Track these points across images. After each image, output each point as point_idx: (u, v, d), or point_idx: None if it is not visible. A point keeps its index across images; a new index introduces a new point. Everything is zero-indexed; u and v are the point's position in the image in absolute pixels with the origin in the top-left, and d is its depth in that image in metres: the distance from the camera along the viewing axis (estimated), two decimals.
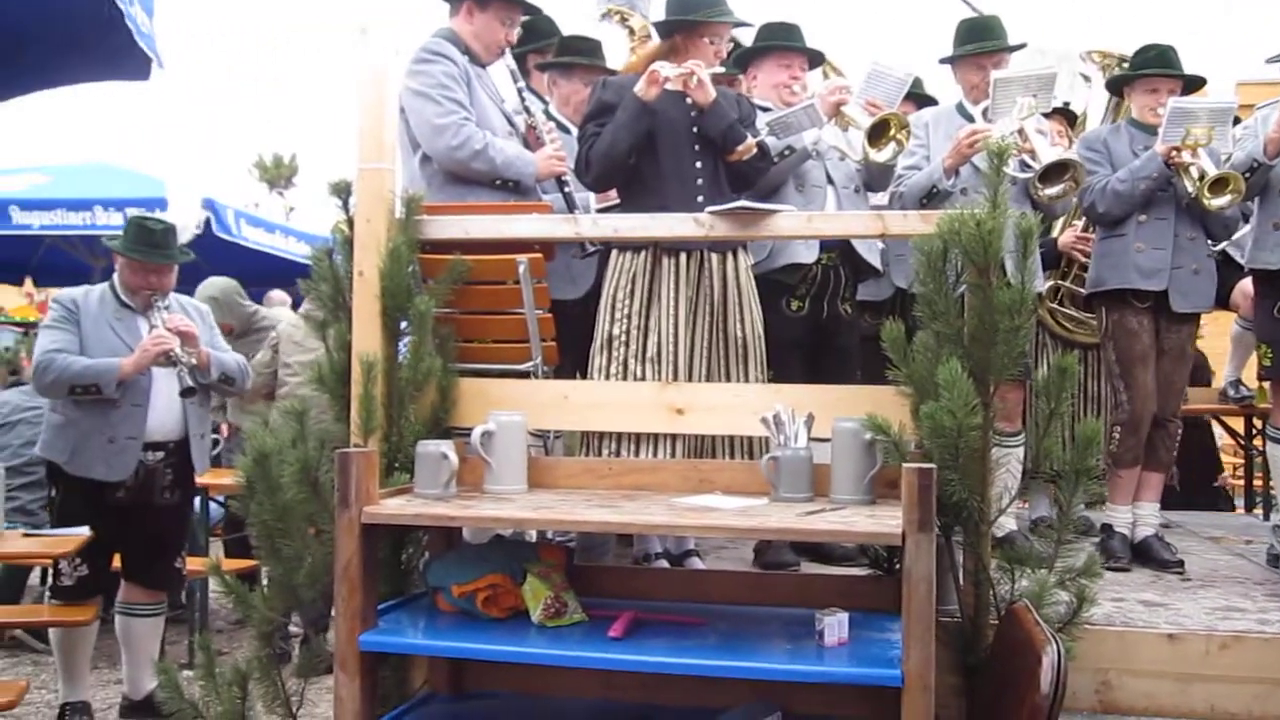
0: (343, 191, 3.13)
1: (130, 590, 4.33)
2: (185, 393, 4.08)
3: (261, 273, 8.30)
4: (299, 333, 5.17)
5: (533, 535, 3.46)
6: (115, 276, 4.31)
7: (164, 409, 4.19)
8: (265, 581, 3.08)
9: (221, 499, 5.62)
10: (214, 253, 7.93)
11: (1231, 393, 6.14)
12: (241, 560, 4.84)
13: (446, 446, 2.76)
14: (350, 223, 3.11)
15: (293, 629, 4.91)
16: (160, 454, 4.21)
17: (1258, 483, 6.92)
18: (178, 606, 5.19)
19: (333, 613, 2.65)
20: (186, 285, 5.75)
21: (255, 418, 3.35)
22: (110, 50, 3.92)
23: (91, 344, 4.12)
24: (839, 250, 3.87)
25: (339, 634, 2.54)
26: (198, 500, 5.41)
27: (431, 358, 3.03)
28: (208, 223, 7.47)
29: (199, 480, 4.58)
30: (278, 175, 38.18)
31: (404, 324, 3.06)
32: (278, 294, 7.82)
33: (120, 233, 4.35)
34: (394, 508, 2.58)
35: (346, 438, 2.99)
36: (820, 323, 3.91)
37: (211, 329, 4.50)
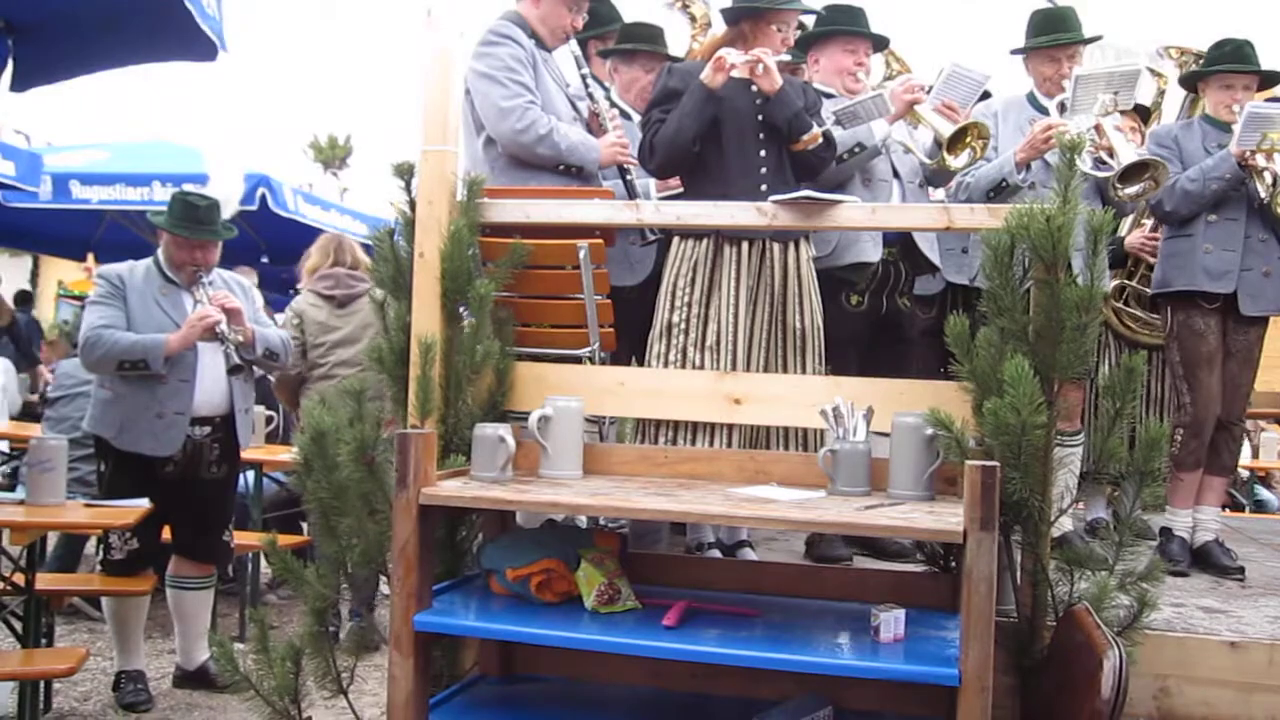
0: (405, 173, 3.14)
1: (180, 564, 4.39)
2: (233, 370, 4.12)
3: None
4: (321, 313, 5.17)
5: (583, 521, 3.46)
6: (160, 252, 4.34)
7: (210, 384, 4.24)
8: (318, 559, 3.10)
9: (280, 476, 5.67)
10: (270, 229, 8.03)
11: None
12: (291, 536, 4.90)
13: (504, 430, 2.76)
14: (412, 204, 3.12)
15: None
16: (207, 429, 4.26)
17: None
18: (227, 580, 5.26)
19: (385, 592, 2.67)
20: (243, 264, 5.83)
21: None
22: (178, 31, 3.96)
23: (138, 320, 4.15)
24: (899, 245, 3.82)
25: (395, 613, 2.55)
26: (251, 476, 5.50)
27: (490, 341, 3.03)
28: (263, 199, 7.55)
29: (250, 456, 4.62)
30: (332, 156, 38.47)
31: (463, 307, 3.07)
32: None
33: (165, 208, 4.37)
34: (451, 489, 2.59)
35: (404, 419, 3.00)
36: (879, 318, 3.87)
37: (254, 304, 4.53)
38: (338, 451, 2.94)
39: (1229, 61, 3.93)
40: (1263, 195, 3.69)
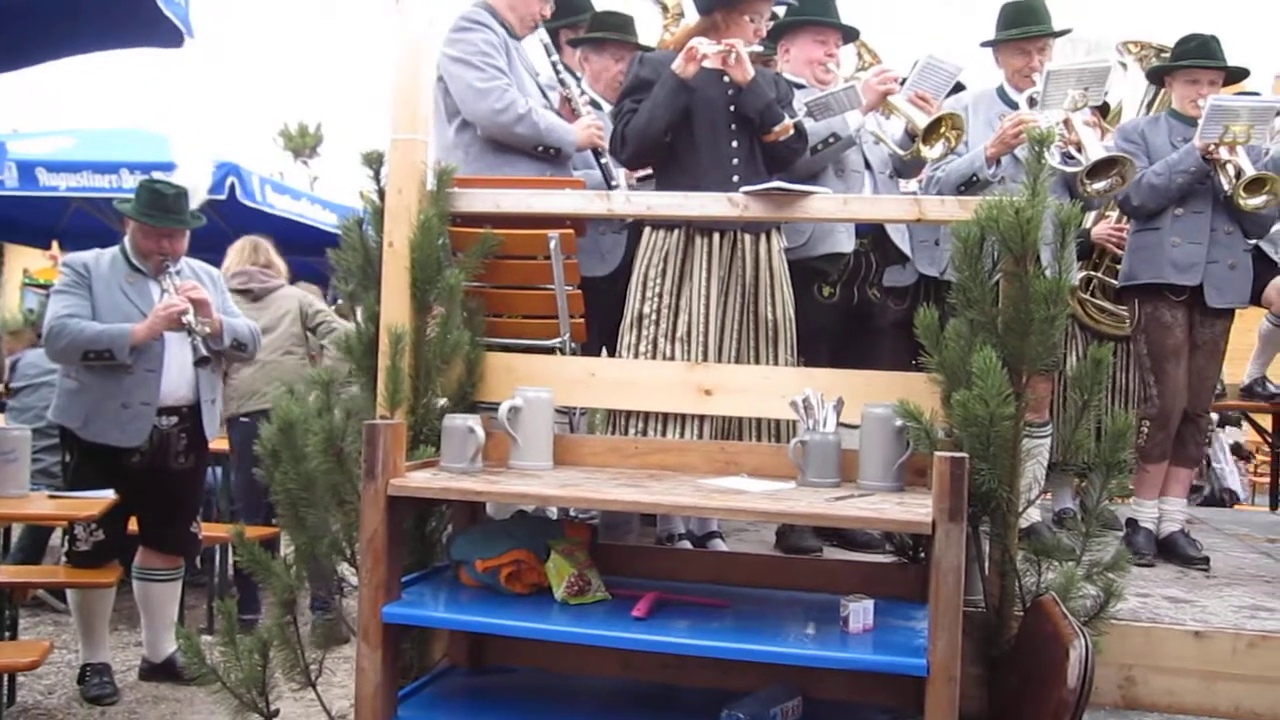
0: (375, 162, 3.11)
1: (147, 555, 4.35)
2: (200, 362, 4.08)
3: (287, 240, 8.30)
4: (240, 306, 5.24)
5: (554, 512, 3.45)
6: (126, 240, 4.29)
7: (177, 374, 4.20)
8: (286, 550, 3.08)
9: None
10: (239, 219, 7.95)
11: (1259, 389, 6.08)
12: (260, 528, 4.87)
13: (473, 421, 2.75)
14: (381, 193, 3.09)
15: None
16: (174, 419, 4.22)
17: None
18: (195, 571, 5.23)
19: (354, 582, 2.65)
20: (210, 253, 5.77)
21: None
22: (144, 17, 3.91)
23: (103, 309, 4.10)
24: (871, 237, 3.83)
25: (362, 605, 2.54)
26: (219, 467, 5.46)
27: (460, 331, 3.02)
28: (232, 188, 7.48)
29: (219, 446, 4.59)
30: (303, 144, 38.19)
31: (433, 297, 3.05)
32: (306, 286, 7.84)
33: (132, 196, 4.32)
34: (420, 481, 2.58)
35: (373, 409, 2.99)
36: (851, 308, 3.89)
37: (223, 294, 4.49)
38: (306, 442, 2.92)
39: (1195, 57, 3.96)
40: (1227, 188, 3.72)
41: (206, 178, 5.42)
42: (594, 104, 3.95)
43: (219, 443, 4.99)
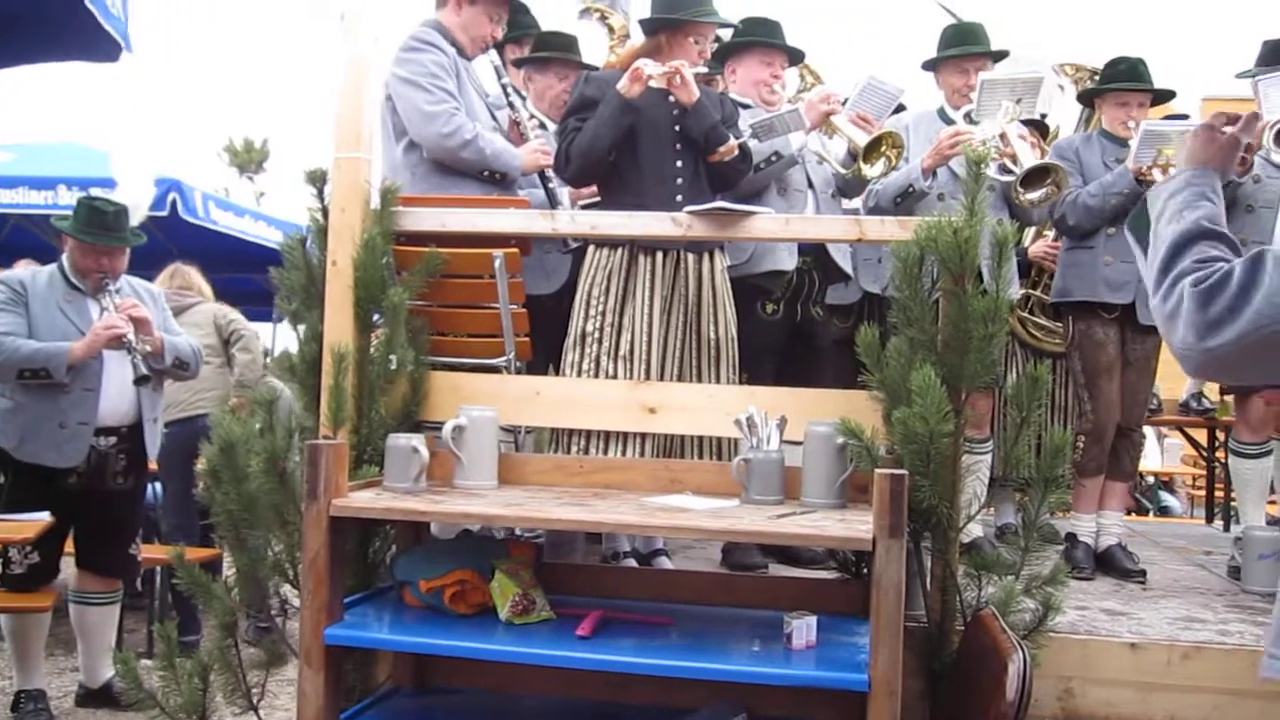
0: (318, 180, 3.10)
1: (84, 578, 4.27)
2: (139, 381, 4.02)
3: (231, 257, 8.22)
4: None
5: (501, 531, 3.44)
6: (64, 258, 4.22)
7: (116, 393, 4.13)
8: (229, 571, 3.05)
9: None
10: (181, 236, 7.85)
11: (1194, 405, 6.22)
12: (200, 550, 4.80)
13: (417, 440, 2.74)
14: (325, 212, 3.08)
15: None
16: (113, 439, 4.15)
17: (1219, 494, 7.00)
18: (134, 594, 5.14)
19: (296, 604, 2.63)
20: (152, 270, 5.71)
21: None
22: (80, 30, 3.86)
23: (40, 327, 4.03)
24: (813, 254, 3.88)
25: (304, 627, 2.51)
26: (158, 486, 5.38)
27: (403, 350, 3.00)
28: (174, 204, 7.38)
29: (155, 466, 4.52)
30: (248, 160, 37.80)
31: (377, 316, 3.04)
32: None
33: (71, 213, 4.25)
34: (363, 501, 2.56)
35: (316, 429, 2.97)
36: (794, 326, 3.93)
37: (164, 311, 4.43)
38: (248, 462, 2.90)
39: (1123, 79, 4.07)
40: None
41: (147, 194, 5.39)
42: (540, 124, 3.96)
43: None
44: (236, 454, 2.91)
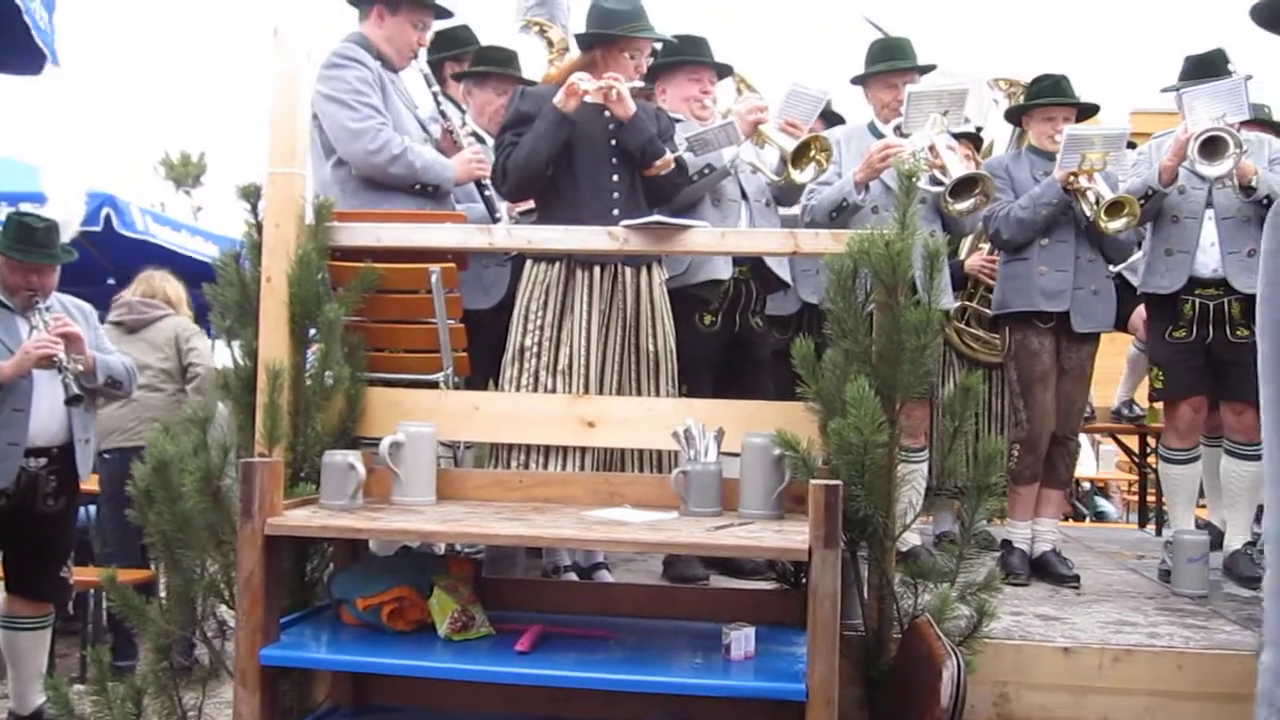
0: (252, 195, 3.07)
1: (13, 603, 4.17)
2: (71, 401, 3.94)
3: (170, 272, 8.07)
4: (111, 340, 5.10)
5: (441, 548, 3.43)
6: None
7: (46, 413, 4.04)
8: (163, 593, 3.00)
9: None
10: (116, 251, 7.72)
11: (1126, 412, 6.34)
12: (134, 571, 4.71)
13: (354, 457, 2.72)
14: (259, 227, 3.05)
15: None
16: (43, 460, 4.07)
17: (1151, 499, 7.14)
18: (67, 618, 5.03)
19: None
20: (86, 285, 5.60)
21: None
22: (5, 43, 3.79)
23: None
24: (750, 264, 3.91)
25: (239, 648, 2.48)
26: (93, 508, 5.27)
27: (340, 366, 2.98)
28: (108, 219, 7.26)
29: (91, 487, 4.44)
30: (185, 174, 37.26)
31: (313, 332, 3.02)
32: None
33: None
34: (299, 519, 2.54)
35: (251, 447, 2.93)
36: (732, 337, 3.95)
37: (96, 329, 4.35)
38: (181, 481, 2.86)
39: (1048, 95, 4.16)
40: (1088, 214, 3.89)
41: (79, 210, 5.26)
42: (476, 136, 3.95)
43: (91, 482, 4.84)
44: (170, 473, 2.87)
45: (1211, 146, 3.73)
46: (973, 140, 4.81)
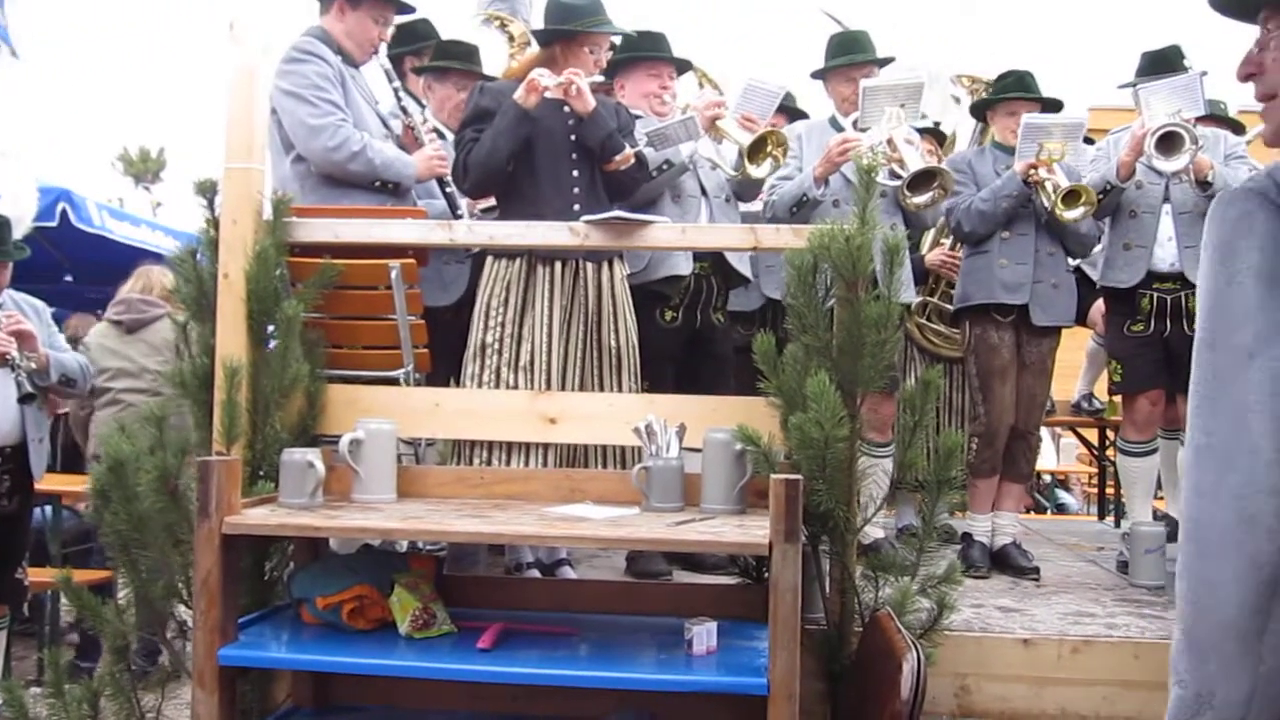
0: (208, 191, 3.04)
1: None
2: (24, 399, 3.88)
3: (129, 268, 7.98)
4: (108, 339, 5.00)
5: (403, 545, 3.40)
6: None
7: (0, 412, 4.00)
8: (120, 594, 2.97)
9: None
10: (72, 246, 7.63)
11: (1085, 405, 6.40)
12: (91, 571, 4.65)
13: (313, 455, 2.70)
14: (216, 223, 3.02)
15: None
16: None
17: (1110, 491, 7.22)
18: (23, 620, 4.96)
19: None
20: (43, 283, 5.51)
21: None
22: None
23: None
24: (711, 260, 3.91)
25: (196, 648, 2.46)
26: (49, 509, 5.20)
27: (299, 363, 2.96)
28: (64, 215, 7.16)
29: (47, 487, 4.38)
30: (144, 169, 36.85)
31: (271, 328, 2.99)
32: None
33: None
34: (257, 518, 2.52)
35: (208, 445, 2.90)
36: (694, 332, 3.95)
37: (49, 327, 4.29)
38: (138, 481, 2.82)
39: (1013, 90, 4.19)
40: (1047, 205, 3.92)
41: (30, 206, 5.17)
42: (438, 132, 3.92)
43: (51, 483, 4.77)
44: (126, 473, 2.83)
45: (1168, 142, 3.77)
46: (935, 135, 4.84)
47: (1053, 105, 4.26)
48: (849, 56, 4.11)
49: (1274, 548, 1.08)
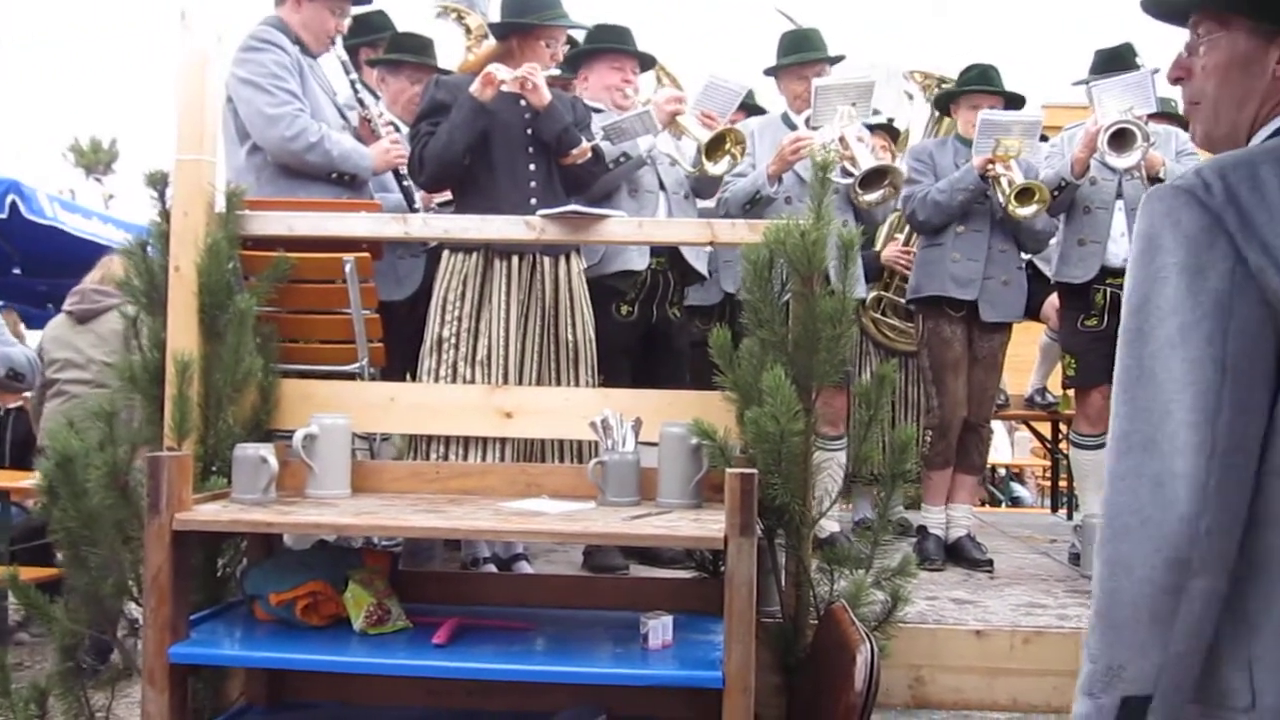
0: (159, 183, 3.00)
1: None
2: None
3: (81, 262, 7.85)
4: (60, 329, 4.90)
5: (358, 541, 3.38)
6: None
7: None
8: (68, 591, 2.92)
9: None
10: (22, 239, 7.51)
11: (1039, 399, 6.47)
12: (39, 569, 4.58)
13: (266, 450, 2.67)
14: (167, 216, 2.98)
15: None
16: None
17: (1063, 484, 7.31)
18: None
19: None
20: None
21: None
22: None
23: None
24: (667, 256, 3.92)
25: (146, 646, 2.42)
26: None
27: (252, 358, 2.93)
28: (13, 206, 7.04)
29: None
30: (95, 161, 36.30)
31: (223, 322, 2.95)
32: None
33: None
34: (208, 514, 2.49)
35: (160, 440, 2.87)
36: (650, 327, 3.95)
37: None
38: (87, 477, 2.78)
39: (976, 83, 4.23)
40: (1001, 201, 3.96)
41: None
42: (394, 125, 3.90)
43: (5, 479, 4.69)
44: (75, 468, 2.79)
45: (1120, 139, 3.82)
46: (889, 132, 4.87)
47: (1015, 100, 4.30)
48: (800, 55, 4.14)
49: (1188, 531, 1.11)
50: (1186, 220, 1.18)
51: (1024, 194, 3.90)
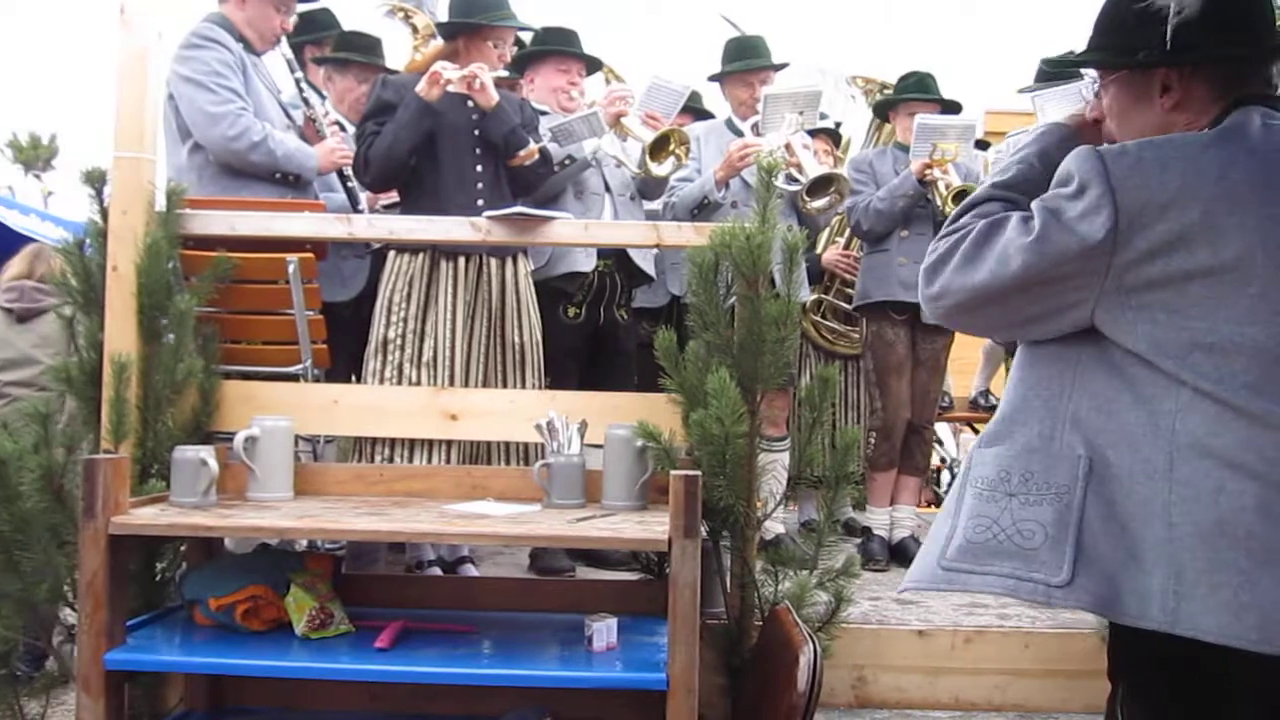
0: (97, 180, 2.95)
1: None
2: None
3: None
4: None
5: (301, 544, 3.35)
6: None
7: None
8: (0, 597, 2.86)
9: None
10: None
11: (982, 401, 6.55)
12: None
13: (205, 452, 2.63)
14: (105, 214, 2.93)
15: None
16: None
17: None
18: None
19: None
20: None
21: None
22: None
23: None
24: (614, 258, 3.92)
25: (81, 653, 2.38)
26: None
27: (192, 359, 2.89)
28: None
29: None
30: (34, 156, 35.62)
31: (165, 322, 2.91)
32: None
33: None
34: (145, 518, 2.45)
35: (97, 443, 2.82)
36: (597, 329, 3.96)
37: None
38: (21, 480, 2.73)
39: (913, 91, 4.28)
40: (940, 205, 4.01)
41: None
42: (339, 125, 3.86)
43: None
44: (8, 471, 2.74)
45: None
46: (832, 136, 4.91)
47: (952, 107, 4.35)
48: (745, 61, 4.18)
49: None
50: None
51: (961, 197, 3.94)
